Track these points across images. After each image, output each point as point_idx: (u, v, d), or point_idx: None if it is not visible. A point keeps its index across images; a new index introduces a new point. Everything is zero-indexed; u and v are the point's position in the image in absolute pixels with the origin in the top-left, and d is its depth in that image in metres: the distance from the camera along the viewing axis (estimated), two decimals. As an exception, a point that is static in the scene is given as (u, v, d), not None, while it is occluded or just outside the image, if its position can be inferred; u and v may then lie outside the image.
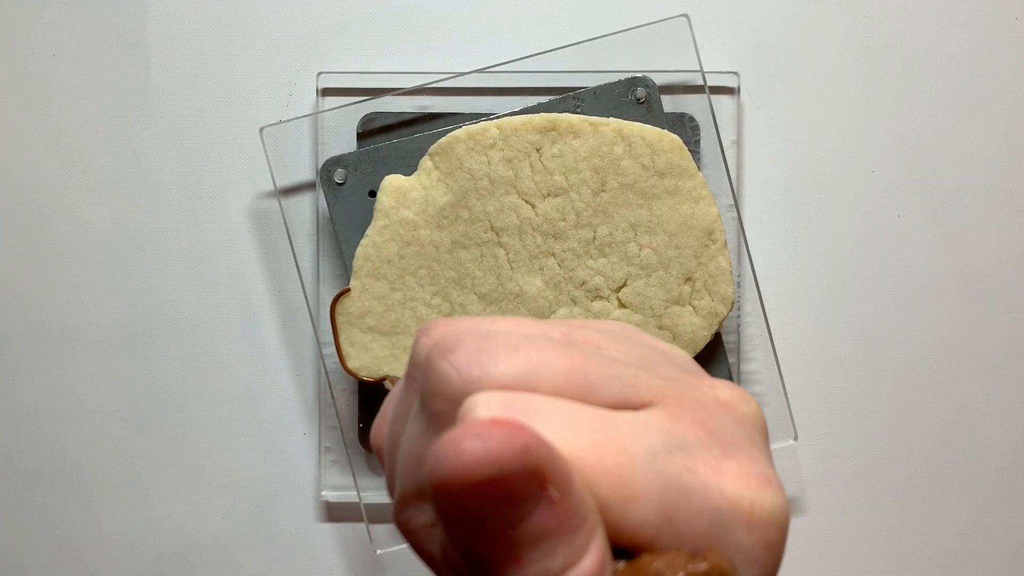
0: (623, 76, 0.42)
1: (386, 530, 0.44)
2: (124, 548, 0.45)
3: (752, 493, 0.20)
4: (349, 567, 0.45)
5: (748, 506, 0.20)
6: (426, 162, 0.41)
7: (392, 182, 0.41)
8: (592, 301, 0.41)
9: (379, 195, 0.41)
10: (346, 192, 0.42)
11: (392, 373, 0.41)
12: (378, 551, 0.44)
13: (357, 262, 0.41)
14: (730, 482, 0.20)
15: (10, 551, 0.45)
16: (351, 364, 0.41)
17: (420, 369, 0.21)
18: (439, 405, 0.20)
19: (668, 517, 0.20)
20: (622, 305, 0.41)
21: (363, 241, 0.41)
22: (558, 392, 0.20)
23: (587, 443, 0.19)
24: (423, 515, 0.22)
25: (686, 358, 0.24)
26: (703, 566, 0.19)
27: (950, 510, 0.45)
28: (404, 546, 0.44)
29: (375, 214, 0.41)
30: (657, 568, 0.19)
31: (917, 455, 0.45)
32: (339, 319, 0.41)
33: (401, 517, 0.22)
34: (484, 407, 0.19)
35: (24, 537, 0.45)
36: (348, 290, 0.41)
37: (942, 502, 0.45)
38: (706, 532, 0.20)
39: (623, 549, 0.20)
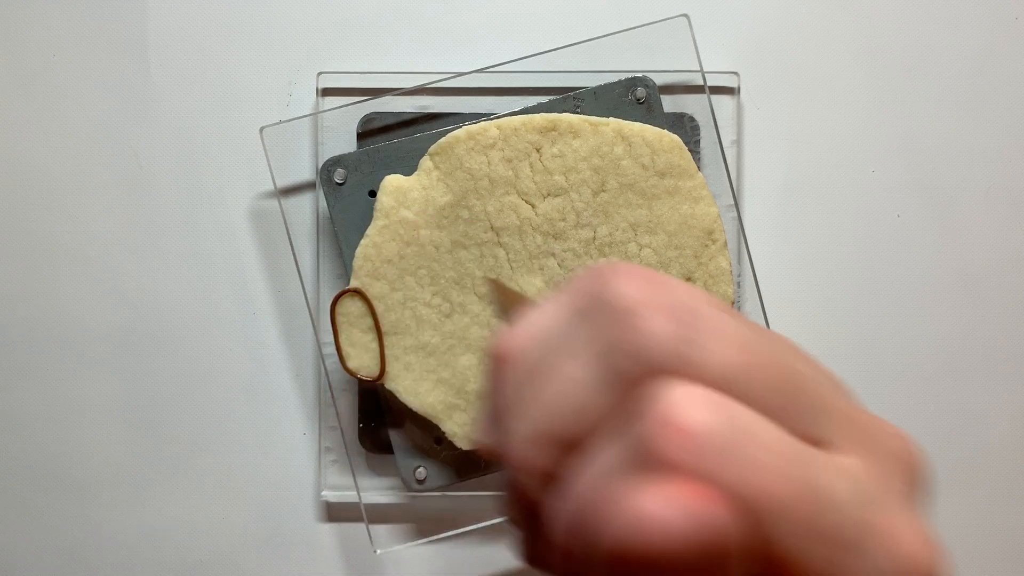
0: (623, 76, 0.42)
1: (386, 530, 0.44)
2: (124, 548, 0.45)
3: (920, 558, 0.20)
4: (349, 567, 0.45)
5: (911, 569, 0.20)
6: (426, 162, 0.41)
7: (392, 182, 0.41)
8: None
9: (379, 195, 0.41)
10: (346, 192, 0.42)
11: (392, 372, 0.41)
12: (378, 551, 0.44)
13: (357, 262, 0.41)
14: (901, 543, 0.20)
15: (10, 551, 0.45)
16: (351, 364, 0.41)
17: (611, 316, 0.19)
18: (627, 365, 0.19)
19: (838, 571, 0.19)
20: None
21: (363, 241, 0.41)
22: (759, 405, 0.19)
23: (791, 483, 0.18)
24: (546, 463, 0.20)
25: (843, 383, 0.22)
26: None
27: (950, 510, 0.45)
28: (404, 546, 0.44)
29: (375, 214, 0.41)
30: None
31: (917, 455, 0.45)
32: (339, 319, 0.41)
33: (522, 454, 0.20)
34: (693, 408, 0.18)
35: (24, 537, 0.45)
36: (350, 290, 0.41)
37: (942, 502, 0.45)
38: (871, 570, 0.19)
39: None
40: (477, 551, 0.44)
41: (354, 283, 0.41)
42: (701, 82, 0.43)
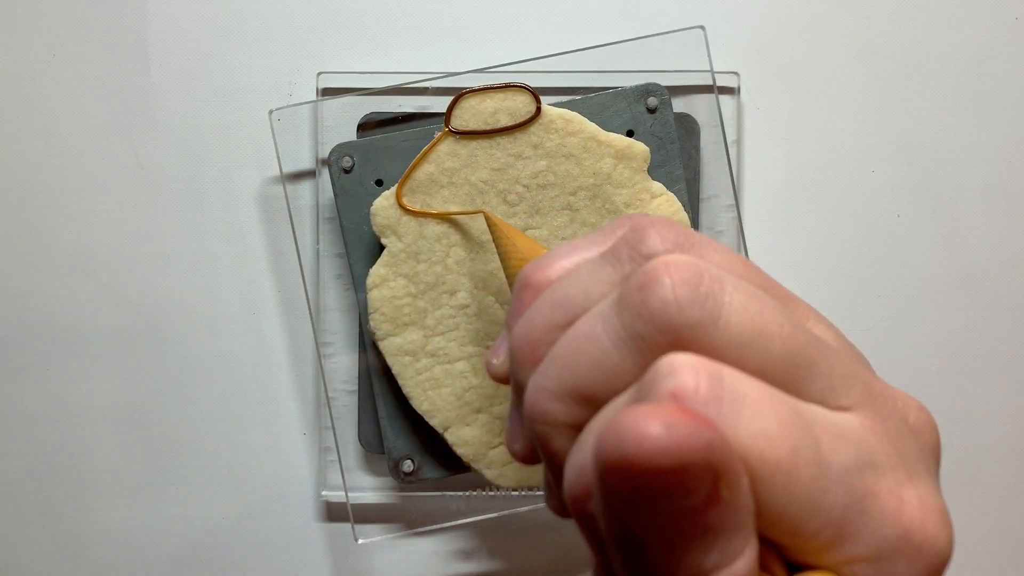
0: (624, 76, 0.42)
1: (381, 528, 0.44)
2: (124, 548, 0.45)
3: (927, 528, 0.20)
4: (349, 567, 0.45)
5: (919, 540, 0.20)
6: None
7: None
8: None
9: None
10: (350, 185, 0.42)
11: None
12: (359, 540, 0.44)
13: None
14: (908, 512, 0.20)
15: (10, 551, 0.45)
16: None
17: (638, 279, 0.20)
18: (641, 328, 0.19)
19: (840, 536, 0.19)
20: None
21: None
22: (766, 373, 0.19)
23: (788, 447, 0.18)
24: (566, 415, 0.21)
25: (863, 355, 0.23)
26: None
27: (950, 510, 0.45)
28: (385, 537, 0.44)
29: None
30: None
31: (917, 455, 0.45)
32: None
33: (543, 405, 0.21)
34: (691, 374, 0.18)
35: (24, 537, 0.45)
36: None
37: (942, 502, 0.45)
38: (870, 556, 0.19)
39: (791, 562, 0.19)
40: (472, 546, 0.45)
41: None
42: (701, 82, 0.43)
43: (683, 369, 0.18)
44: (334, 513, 0.45)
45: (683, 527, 0.18)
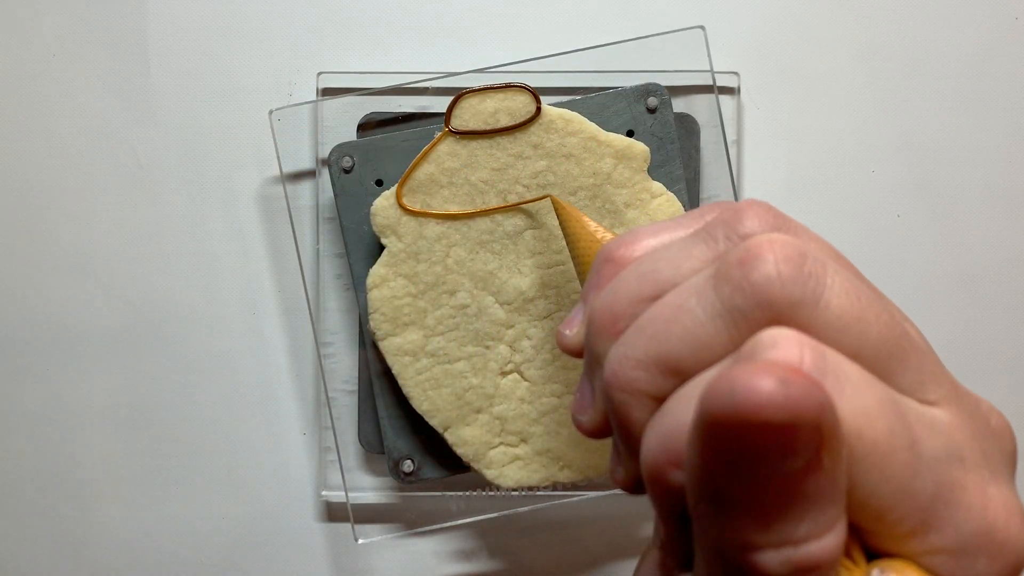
0: (623, 76, 0.42)
1: (381, 528, 0.44)
2: (124, 548, 0.45)
3: (1010, 528, 0.20)
4: (349, 567, 0.45)
5: (1002, 539, 0.20)
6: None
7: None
8: None
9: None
10: (350, 185, 0.42)
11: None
12: (359, 540, 0.44)
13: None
14: (993, 510, 0.20)
15: (10, 551, 0.45)
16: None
17: (738, 255, 0.20)
18: (740, 302, 0.19)
19: (925, 525, 0.19)
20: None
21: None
22: (861, 358, 0.19)
23: (885, 429, 0.18)
24: (650, 385, 0.20)
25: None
26: None
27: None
28: (385, 536, 0.44)
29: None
30: None
31: (917, 455, 0.45)
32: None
33: (627, 373, 0.21)
34: (796, 347, 0.18)
35: (24, 537, 0.45)
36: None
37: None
38: (953, 548, 0.19)
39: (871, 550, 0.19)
40: (472, 546, 0.45)
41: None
42: (702, 82, 0.43)
43: (787, 342, 0.18)
44: (334, 513, 0.45)
45: (781, 491, 0.17)
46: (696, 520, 0.19)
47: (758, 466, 0.17)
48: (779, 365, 0.17)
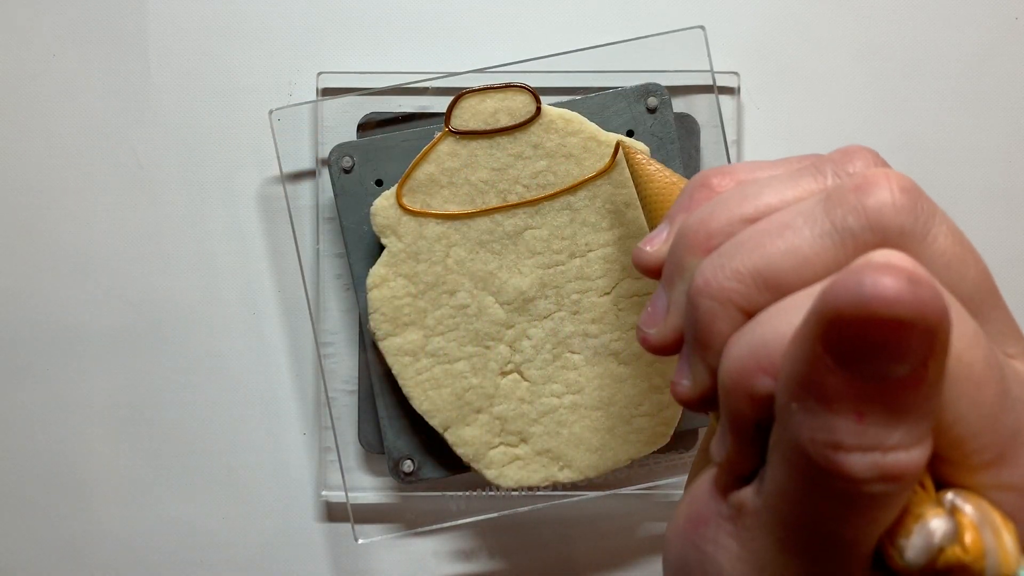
0: (623, 76, 0.42)
1: (381, 528, 0.44)
2: (124, 548, 0.45)
3: None
4: (349, 567, 0.45)
5: None
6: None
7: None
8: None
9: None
10: (350, 185, 0.42)
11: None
12: (359, 540, 0.44)
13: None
14: None
15: (10, 551, 0.45)
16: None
17: (853, 183, 0.20)
18: (852, 223, 0.20)
19: (1002, 458, 0.19)
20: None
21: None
22: (963, 298, 0.20)
23: (983, 357, 0.19)
24: (743, 296, 0.21)
25: None
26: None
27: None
28: (386, 537, 0.44)
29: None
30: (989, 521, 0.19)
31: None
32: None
33: (722, 282, 0.21)
34: (910, 263, 0.18)
35: (24, 537, 0.45)
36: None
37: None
38: (1020, 486, 0.20)
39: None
40: (472, 546, 0.45)
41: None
42: (701, 82, 0.43)
43: (901, 260, 0.18)
44: (334, 513, 0.45)
45: (884, 394, 0.17)
46: (783, 420, 0.19)
47: (868, 364, 0.17)
48: (908, 268, 0.17)
